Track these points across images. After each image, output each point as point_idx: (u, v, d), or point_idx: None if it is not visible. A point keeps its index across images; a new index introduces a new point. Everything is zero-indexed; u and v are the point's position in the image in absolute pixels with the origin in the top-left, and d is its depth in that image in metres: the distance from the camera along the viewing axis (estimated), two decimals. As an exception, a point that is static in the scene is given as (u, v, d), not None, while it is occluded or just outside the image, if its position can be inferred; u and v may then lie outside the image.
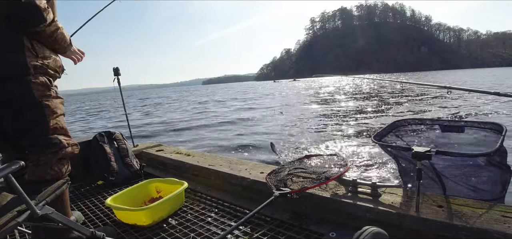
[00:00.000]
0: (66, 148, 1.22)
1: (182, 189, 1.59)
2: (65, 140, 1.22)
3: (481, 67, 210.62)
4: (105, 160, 2.10)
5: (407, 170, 1.60)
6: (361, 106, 10.60)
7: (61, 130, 1.23)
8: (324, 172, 1.44)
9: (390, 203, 1.19)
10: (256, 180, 1.61)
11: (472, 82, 23.28)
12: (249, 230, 1.31)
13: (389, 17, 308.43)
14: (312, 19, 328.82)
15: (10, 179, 0.81)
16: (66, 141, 1.22)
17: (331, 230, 1.23)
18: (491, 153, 1.24)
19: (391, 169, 3.21)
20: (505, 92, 1.47)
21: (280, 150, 4.63)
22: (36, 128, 1.16)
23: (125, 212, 1.45)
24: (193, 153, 2.33)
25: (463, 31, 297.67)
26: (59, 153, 1.19)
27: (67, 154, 1.22)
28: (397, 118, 1.97)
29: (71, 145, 1.25)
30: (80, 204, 1.78)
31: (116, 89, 2.54)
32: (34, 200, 0.89)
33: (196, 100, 23.94)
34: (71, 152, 1.25)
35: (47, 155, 1.17)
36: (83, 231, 1.00)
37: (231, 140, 6.04)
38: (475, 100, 9.53)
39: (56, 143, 1.18)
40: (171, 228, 1.40)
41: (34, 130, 1.16)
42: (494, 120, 4.99)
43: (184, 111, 14.44)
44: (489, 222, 0.97)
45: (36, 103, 1.15)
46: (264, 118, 9.33)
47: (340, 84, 32.89)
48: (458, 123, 1.69)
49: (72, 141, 1.27)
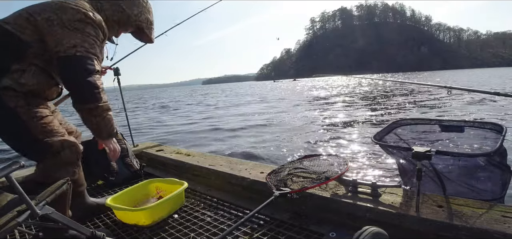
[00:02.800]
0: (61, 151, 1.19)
1: (182, 189, 1.59)
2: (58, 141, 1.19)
3: (481, 67, 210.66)
4: (105, 160, 2.10)
5: (407, 170, 1.60)
6: (361, 106, 10.60)
7: (51, 132, 1.20)
8: (324, 172, 1.44)
9: (390, 203, 1.19)
10: (256, 180, 1.61)
11: (475, 83, 23.25)
12: (249, 230, 1.31)
13: (389, 17, 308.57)
14: (312, 19, 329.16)
15: (10, 179, 0.81)
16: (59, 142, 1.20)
17: (331, 230, 1.23)
18: (491, 153, 1.24)
19: (391, 169, 3.21)
20: (505, 92, 1.47)
21: (280, 150, 4.63)
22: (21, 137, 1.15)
23: (125, 212, 1.45)
24: (193, 153, 2.33)
25: (463, 31, 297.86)
26: (56, 157, 1.18)
27: (65, 157, 1.21)
28: (397, 118, 1.97)
29: (68, 147, 1.22)
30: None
31: (116, 89, 2.54)
32: (34, 200, 0.89)
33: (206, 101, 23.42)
34: (69, 154, 1.23)
35: (45, 161, 1.18)
36: (83, 231, 1.01)
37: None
38: (475, 100, 9.52)
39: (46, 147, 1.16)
40: (171, 228, 1.40)
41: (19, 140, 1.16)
42: (494, 120, 4.99)
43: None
44: (489, 222, 0.97)
45: (10, 113, 1.11)
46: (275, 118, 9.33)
47: (340, 84, 32.92)
48: (458, 123, 1.69)
49: (68, 141, 1.23)
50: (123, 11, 1.40)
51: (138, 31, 1.53)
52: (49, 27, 1.13)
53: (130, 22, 1.44)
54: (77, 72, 1.13)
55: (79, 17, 1.16)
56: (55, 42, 1.12)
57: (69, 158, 1.24)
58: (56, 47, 1.12)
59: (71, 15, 1.15)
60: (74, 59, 1.12)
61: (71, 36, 1.13)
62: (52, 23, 1.13)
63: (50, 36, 1.13)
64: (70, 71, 1.13)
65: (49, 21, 1.13)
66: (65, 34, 1.13)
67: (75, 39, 1.13)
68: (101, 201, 1.61)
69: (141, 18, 1.47)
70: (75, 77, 1.14)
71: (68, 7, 1.16)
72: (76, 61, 1.12)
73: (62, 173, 1.19)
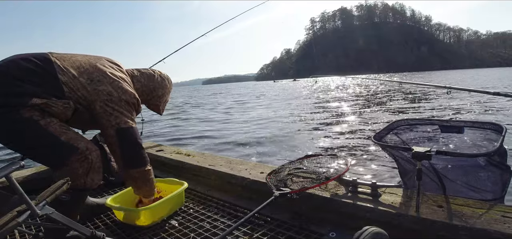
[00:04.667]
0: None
1: (182, 189, 1.59)
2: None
3: (481, 67, 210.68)
4: (105, 160, 2.10)
5: (407, 170, 1.60)
6: (361, 107, 10.60)
7: (73, 136, 1.21)
8: (324, 172, 1.44)
9: (390, 203, 1.19)
10: (256, 180, 1.61)
11: (476, 83, 23.23)
12: (249, 230, 1.31)
13: (389, 17, 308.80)
14: (312, 19, 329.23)
15: (10, 179, 0.81)
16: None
17: (331, 230, 1.23)
18: (491, 153, 1.24)
19: (391, 169, 3.21)
20: (505, 92, 1.47)
21: (280, 150, 4.63)
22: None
23: (125, 212, 1.45)
24: (193, 153, 2.33)
25: (463, 31, 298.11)
26: (83, 161, 1.19)
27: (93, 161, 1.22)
28: (397, 118, 1.97)
29: (94, 151, 1.24)
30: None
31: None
32: (34, 200, 0.89)
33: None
34: (96, 159, 1.24)
35: (69, 165, 1.17)
36: (83, 231, 1.01)
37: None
38: (475, 101, 9.53)
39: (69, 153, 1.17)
40: (171, 228, 1.40)
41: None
42: (494, 120, 4.99)
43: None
44: (489, 222, 0.97)
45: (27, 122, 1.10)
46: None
47: (340, 84, 32.92)
48: (457, 123, 1.69)
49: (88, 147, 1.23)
50: (151, 92, 1.58)
51: (152, 106, 1.66)
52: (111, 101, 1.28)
53: (152, 100, 1.60)
54: (136, 141, 1.32)
55: (132, 101, 1.34)
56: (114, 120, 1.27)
57: (96, 163, 1.23)
58: (112, 122, 1.26)
59: (129, 96, 1.33)
60: (131, 131, 1.29)
61: (125, 114, 1.30)
62: (109, 100, 1.27)
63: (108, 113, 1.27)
64: (130, 140, 1.30)
65: (107, 97, 1.27)
66: (122, 112, 1.28)
67: (126, 114, 1.31)
68: (101, 201, 1.61)
69: (162, 100, 1.65)
70: (136, 145, 1.31)
71: (126, 90, 1.33)
72: (133, 131, 1.31)
73: (87, 180, 1.20)
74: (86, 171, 1.18)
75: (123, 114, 1.28)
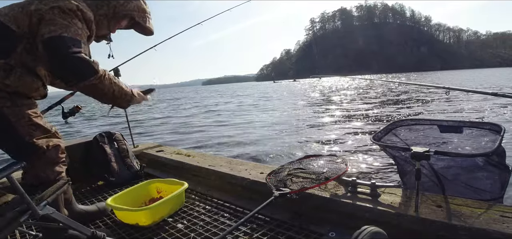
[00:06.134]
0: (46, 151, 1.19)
1: (183, 189, 1.59)
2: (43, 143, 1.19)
3: (481, 68, 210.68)
4: (105, 161, 2.11)
5: (406, 170, 1.61)
6: (360, 107, 10.61)
7: (38, 132, 1.18)
8: (324, 172, 1.45)
9: (389, 203, 1.20)
10: (256, 180, 1.61)
11: (475, 83, 23.24)
12: (249, 230, 1.32)
13: (389, 17, 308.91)
14: (312, 20, 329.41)
15: (11, 179, 0.82)
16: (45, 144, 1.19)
17: (331, 230, 1.23)
18: (490, 153, 1.24)
19: (390, 169, 3.22)
20: (503, 93, 1.47)
21: (280, 151, 4.64)
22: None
23: (125, 212, 1.46)
24: (193, 154, 2.33)
25: (463, 32, 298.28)
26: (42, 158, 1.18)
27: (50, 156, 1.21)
28: (396, 118, 1.98)
29: (52, 146, 1.21)
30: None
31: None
32: (35, 200, 0.90)
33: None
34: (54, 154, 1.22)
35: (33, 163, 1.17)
36: (84, 231, 1.01)
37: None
38: (474, 101, 9.53)
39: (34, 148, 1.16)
40: (171, 228, 1.40)
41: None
42: (492, 120, 4.99)
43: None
44: (488, 222, 0.97)
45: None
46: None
47: (340, 84, 32.93)
48: (456, 123, 1.69)
49: (53, 142, 1.22)
50: (108, 3, 1.32)
51: (134, 23, 1.43)
52: (41, 15, 1.08)
53: (118, 13, 1.34)
54: (67, 51, 1.04)
55: (70, 7, 1.12)
56: (44, 29, 1.06)
57: (54, 158, 1.22)
58: (41, 31, 1.06)
59: (63, 5, 1.11)
60: (59, 39, 1.04)
61: (58, 22, 1.07)
62: (43, 12, 1.08)
63: (41, 24, 1.08)
64: (58, 52, 1.05)
65: (39, 10, 1.09)
66: (53, 21, 1.07)
67: (61, 24, 1.07)
68: (91, 208, 1.56)
69: (130, 7, 1.36)
70: (66, 56, 1.05)
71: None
72: (61, 41, 1.05)
73: (49, 173, 1.20)
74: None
75: (54, 22, 1.06)
